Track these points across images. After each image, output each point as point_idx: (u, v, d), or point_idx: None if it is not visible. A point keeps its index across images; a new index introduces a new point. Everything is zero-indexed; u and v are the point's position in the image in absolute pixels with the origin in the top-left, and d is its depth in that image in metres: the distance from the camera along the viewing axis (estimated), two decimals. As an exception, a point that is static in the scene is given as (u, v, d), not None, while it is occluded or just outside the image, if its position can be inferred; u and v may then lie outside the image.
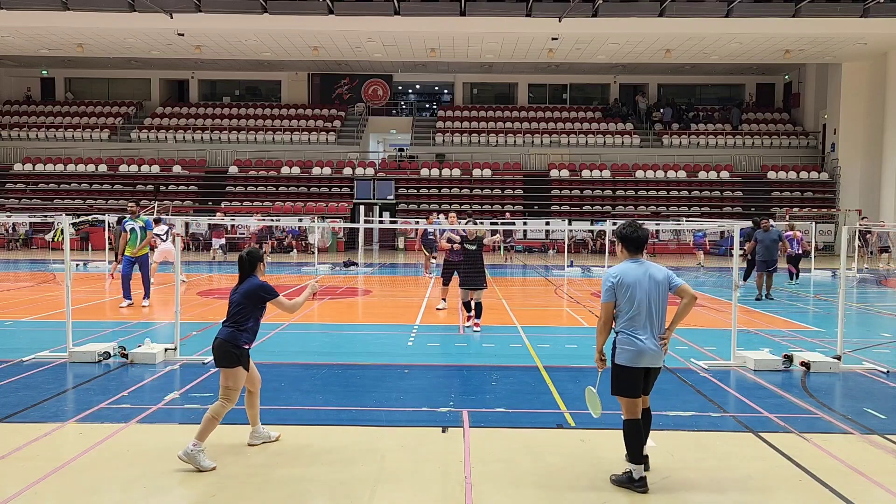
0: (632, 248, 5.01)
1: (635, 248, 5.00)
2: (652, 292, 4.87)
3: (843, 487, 4.84)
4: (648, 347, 4.83)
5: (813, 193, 34.10)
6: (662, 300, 4.92)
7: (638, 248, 5.01)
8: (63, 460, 5.23)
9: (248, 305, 5.40)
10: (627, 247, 5.02)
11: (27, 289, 16.57)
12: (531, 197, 34.61)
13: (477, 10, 26.94)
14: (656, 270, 4.95)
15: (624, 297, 4.88)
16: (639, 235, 4.98)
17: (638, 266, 4.94)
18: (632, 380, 4.86)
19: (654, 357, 4.88)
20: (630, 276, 4.89)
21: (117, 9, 26.34)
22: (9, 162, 36.13)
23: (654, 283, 4.88)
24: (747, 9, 26.18)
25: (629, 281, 4.87)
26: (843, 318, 8.50)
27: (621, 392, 4.90)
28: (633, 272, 4.90)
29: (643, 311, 4.84)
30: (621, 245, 5.06)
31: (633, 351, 4.83)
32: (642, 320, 4.84)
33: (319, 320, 12.25)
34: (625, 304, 4.87)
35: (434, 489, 4.83)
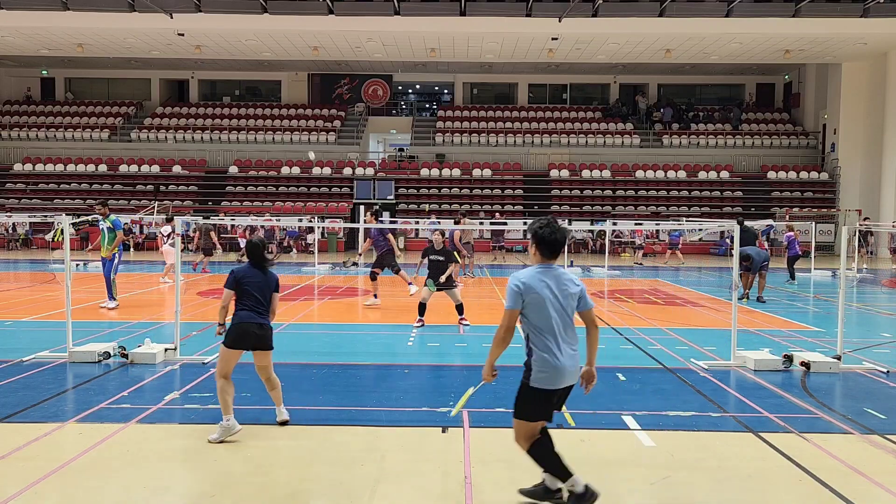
0: (546, 252, 4.33)
1: (550, 252, 4.34)
2: (563, 304, 4.29)
3: (843, 487, 4.84)
4: (566, 365, 4.25)
5: (813, 193, 34.10)
6: (570, 315, 4.35)
7: (553, 253, 4.35)
8: (63, 460, 5.23)
9: (271, 294, 6.20)
10: (542, 250, 4.33)
11: (27, 289, 16.57)
12: (531, 197, 34.61)
13: (477, 10, 26.95)
14: (569, 281, 4.35)
15: (533, 306, 4.25)
16: (556, 238, 4.31)
17: (549, 272, 4.32)
18: (545, 404, 4.32)
19: (572, 375, 4.32)
20: (539, 283, 4.26)
21: (117, 9, 26.34)
22: (9, 162, 36.13)
23: (566, 295, 4.29)
24: (747, 9, 26.18)
25: (539, 288, 4.25)
26: (843, 318, 8.49)
27: (527, 416, 4.33)
28: (543, 279, 4.29)
29: (555, 324, 4.25)
30: (534, 247, 4.36)
31: (549, 373, 4.25)
32: (556, 335, 4.25)
33: (319, 320, 12.25)
34: (534, 315, 4.26)
35: (434, 489, 4.83)
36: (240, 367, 8.22)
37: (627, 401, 6.93)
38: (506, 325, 4.27)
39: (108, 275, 12.72)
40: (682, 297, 15.87)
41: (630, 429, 6.08)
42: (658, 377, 7.98)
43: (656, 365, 8.60)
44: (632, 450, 5.61)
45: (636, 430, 6.04)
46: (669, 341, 10.09)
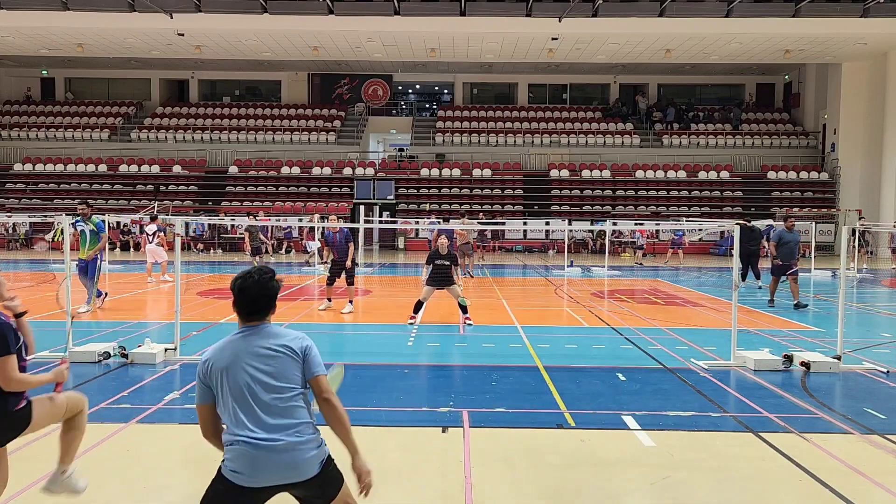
0: (240, 311, 3.42)
1: (246, 312, 3.44)
2: (262, 374, 3.24)
3: (843, 487, 4.84)
4: (279, 458, 3.14)
5: (813, 193, 34.10)
6: (285, 384, 3.26)
7: (249, 314, 3.43)
8: (63, 460, 5.22)
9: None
10: (236, 307, 3.43)
11: (27, 289, 16.57)
12: (531, 197, 34.61)
13: (477, 10, 26.94)
14: (275, 341, 3.40)
15: (221, 389, 3.23)
16: (252, 289, 3.43)
17: (242, 337, 3.39)
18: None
19: (288, 468, 3.16)
20: (223, 356, 3.31)
21: (117, 9, 26.34)
22: (9, 162, 36.13)
23: (267, 362, 3.29)
24: (747, 9, 26.18)
25: (221, 364, 3.27)
26: (843, 318, 8.50)
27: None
28: (229, 348, 3.34)
29: (248, 407, 3.18)
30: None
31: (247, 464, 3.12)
32: (263, 416, 3.18)
33: (319, 320, 12.25)
34: (223, 398, 3.23)
35: (434, 489, 4.83)
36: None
37: (627, 401, 6.93)
38: (202, 427, 3.37)
39: (93, 277, 12.24)
40: (682, 297, 15.87)
41: (630, 429, 6.08)
42: (658, 377, 7.98)
43: (656, 365, 8.60)
44: (632, 450, 5.61)
45: (636, 430, 6.04)
46: (669, 341, 10.09)
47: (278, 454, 3.13)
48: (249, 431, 3.14)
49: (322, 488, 3.28)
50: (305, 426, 3.25)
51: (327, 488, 3.30)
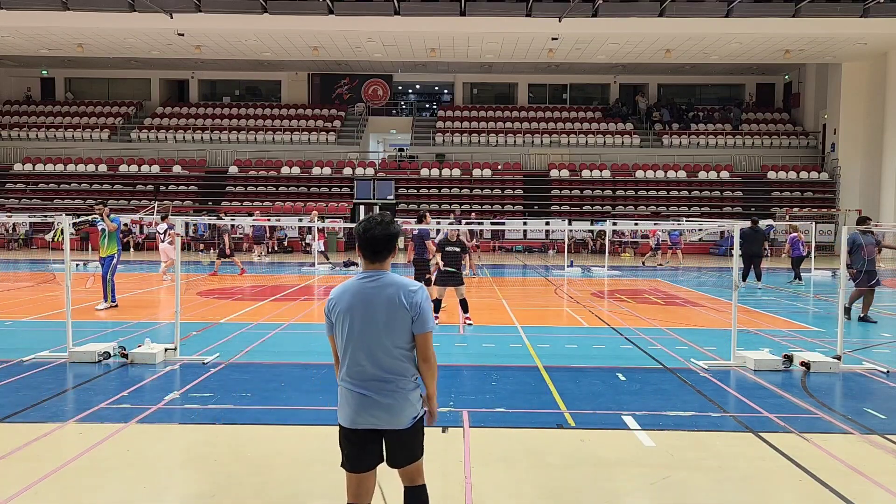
0: (366, 253, 3.47)
1: (371, 252, 3.46)
2: (378, 320, 3.37)
3: (843, 487, 4.84)
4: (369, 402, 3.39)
5: (813, 193, 34.10)
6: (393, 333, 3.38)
7: (374, 254, 3.46)
8: (63, 460, 5.23)
9: None
10: (362, 251, 3.49)
11: (27, 289, 16.57)
12: (531, 197, 34.61)
13: (477, 10, 26.94)
14: (394, 290, 3.40)
15: (340, 327, 3.44)
16: (372, 235, 3.44)
17: (366, 282, 3.44)
18: (352, 446, 3.47)
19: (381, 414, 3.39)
20: (348, 297, 3.43)
21: (117, 9, 26.34)
22: (9, 162, 36.13)
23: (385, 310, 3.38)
24: (747, 9, 26.18)
25: (345, 304, 3.42)
26: (843, 318, 8.49)
27: (343, 463, 3.53)
28: (354, 290, 3.44)
29: (362, 347, 3.38)
30: (359, 248, 3.52)
31: (349, 407, 3.44)
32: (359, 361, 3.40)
33: (319, 320, 12.25)
34: (340, 336, 3.45)
35: (434, 489, 4.82)
36: (237, 367, 8.25)
37: (627, 401, 6.93)
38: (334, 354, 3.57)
39: (106, 275, 12.66)
40: (682, 297, 15.87)
41: (630, 429, 6.08)
42: (658, 377, 7.98)
43: (656, 365, 8.60)
44: (632, 450, 5.61)
45: (636, 430, 6.04)
46: (669, 341, 10.09)
47: (377, 400, 3.36)
48: (355, 374, 3.40)
49: (407, 445, 3.48)
50: (407, 379, 3.43)
51: (412, 447, 3.50)
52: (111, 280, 12.71)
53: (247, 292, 15.76)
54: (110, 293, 12.71)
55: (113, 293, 12.81)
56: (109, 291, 12.69)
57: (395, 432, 3.43)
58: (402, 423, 3.42)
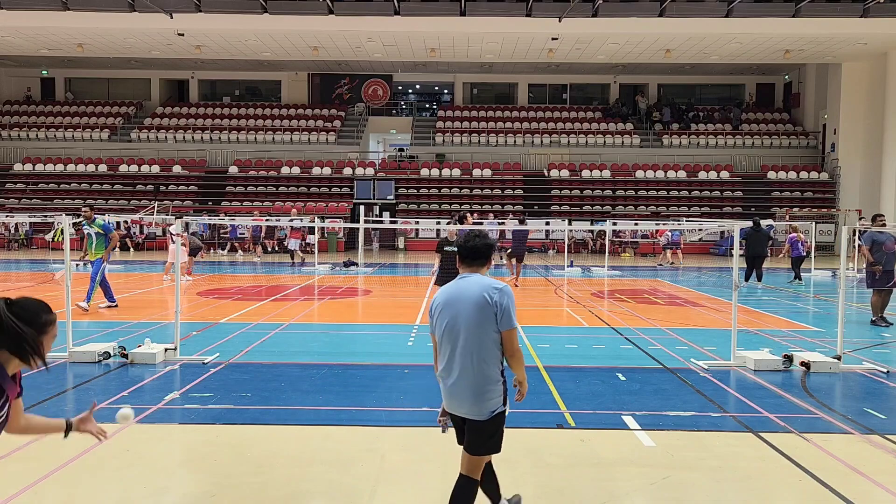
0: (465, 260, 3.97)
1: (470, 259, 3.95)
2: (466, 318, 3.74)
3: (843, 487, 4.84)
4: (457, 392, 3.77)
5: (813, 193, 34.09)
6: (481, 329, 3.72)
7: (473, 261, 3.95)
8: (63, 460, 5.23)
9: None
10: (461, 259, 3.99)
11: (27, 289, 16.57)
12: (531, 197, 34.61)
13: (477, 10, 26.94)
14: (479, 289, 3.77)
15: (438, 326, 3.84)
16: (474, 245, 3.92)
17: (459, 282, 3.89)
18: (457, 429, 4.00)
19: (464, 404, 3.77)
20: (444, 297, 3.87)
21: (117, 9, 26.33)
22: (9, 162, 36.13)
23: (473, 307, 3.74)
24: (747, 9, 26.18)
25: (440, 304, 3.86)
26: (843, 318, 8.50)
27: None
28: (450, 291, 3.87)
29: (451, 343, 3.78)
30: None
31: (443, 391, 3.89)
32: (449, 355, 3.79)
33: (319, 320, 12.25)
34: (438, 333, 3.86)
35: (434, 489, 4.83)
36: (237, 367, 8.25)
37: (627, 401, 6.93)
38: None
39: (95, 276, 12.31)
40: (682, 297, 15.87)
41: (630, 429, 6.08)
42: (658, 377, 7.98)
43: (656, 365, 8.60)
44: (632, 450, 5.61)
45: (636, 430, 6.04)
46: (669, 341, 10.09)
47: (464, 389, 3.73)
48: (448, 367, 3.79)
49: (483, 435, 3.79)
50: (493, 374, 3.75)
51: (486, 439, 3.81)
52: (100, 281, 12.41)
53: (247, 292, 15.76)
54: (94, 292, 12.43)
55: (110, 294, 12.66)
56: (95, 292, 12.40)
57: (475, 422, 3.77)
58: (483, 414, 3.74)
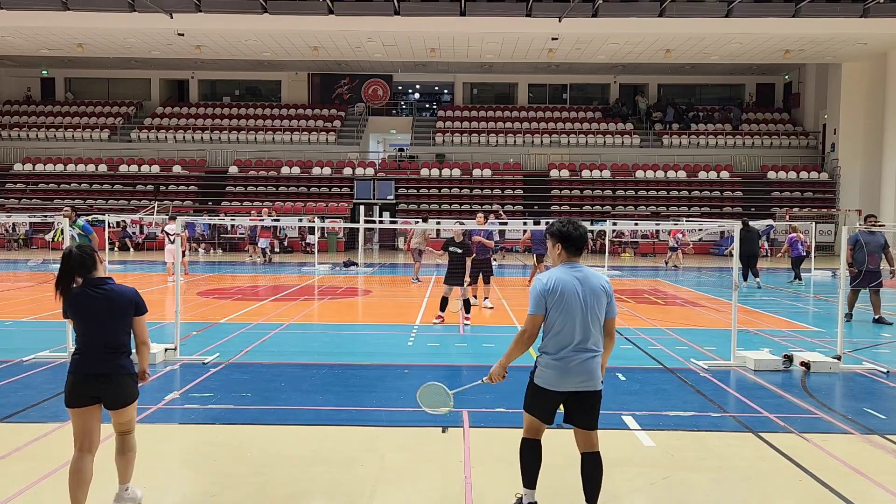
0: (571, 249, 4.26)
1: (575, 248, 4.27)
2: (589, 303, 4.15)
3: (843, 487, 4.84)
4: (578, 367, 4.14)
5: (813, 193, 34.09)
6: (599, 313, 4.21)
7: (578, 250, 4.27)
8: (63, 460, 5.22)
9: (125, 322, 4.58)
10: (566, 247, 4.26)
11: (27, 289, 16.57)
12: (531, 197, 34.60)
13: (477, 10, 26.94)
14: (597, 280, 4.22)
15: (556, 308, 4.14)
16: (581, 234, 4.26)
17: (574, 272, 4.21)
18: (547, 404, 4.25)
19: (583, 377, 4.14)
20: (564, 283, 4.15)
21: (117, 9, 26.34)
22: (9, 162, 36.13)
23: (593, 295, 4.17)
24: (747, 9, 26.18)
25: (563, 289, 4.14)
26: (843, 318, 8.49)
27: (531, 410, 4.32)
28: (568, 278, 4.18)
29: (577, 325, 4.13)
30: (559, 245, 4.27)
31: (555, 373, 4.17)
32: (572, 336, 4.14)
33: (319, 320, 12.25)
34: (556, 316, 4.15)
35: (434, 489, 4.83)
36: (237, 367, 8.25)
37: (627, 401, 6.93)
38: (529, 332, 4.25)
39: None
40: (682, 297, 15.87)
41: (630, 429, 6.08)
42: (658, 377, 7.99)
43: (656, 365, 8.60)
44: (632, 450, 5.61)
45: (636, 430, 6.04)
46: (669, 341, 10.09)
47: (582, 367, 4.14)
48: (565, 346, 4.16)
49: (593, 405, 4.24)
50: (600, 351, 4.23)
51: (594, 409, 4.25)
52: None
53: (247, 292, 15.77)
54: None
55: None
56: None
57: (592, 393, 4.19)
58: (598, 385, 4.20)
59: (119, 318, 4.34)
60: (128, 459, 4.46)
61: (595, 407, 4.23)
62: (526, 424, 4.37)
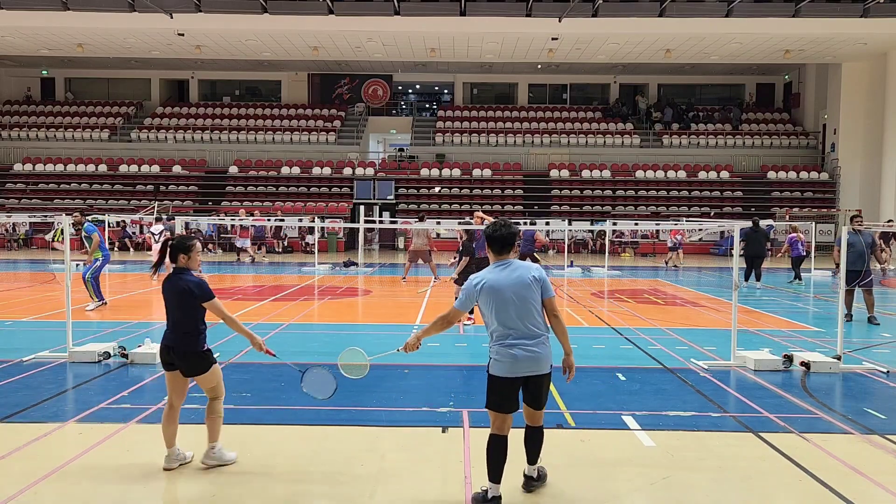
0: (495, 248, 4.59)
1: (500, 247, 4.59)
2: (518, 294, 4.45)
3: (843, 487, 4.84)
4: (524, 354, 4.45)
5: (813, 193, 34.09)
6: (533, 300, 4.48)
7: (502, 248, 4.58)
8: (63, 460, 5.23)
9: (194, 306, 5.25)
10: (491, 247, 4.62)
11: (27, 289, 16.58)
12: (531, 197, 34.61)
13: (477, 10, 26.95)
14: (524, 271, 4.52)
15: (488, 305, 4.48)
16: (503, 233, 4.57)
17: (501, 268, 4.55)
18: (504, 392, 4.51)
19: (530, 363, 4.46)
20: (492, 281, 4.49)
21: (117, 9, 26.34)
22: (9, 162, 36.13)
23: (521, 285, 4.45)
24: (747, 9, 26.18)
25: (490, 286, 4.47)
26: (843, 318, 8.49)
27: (493, 406, 4.56)
28: (494, 276, 4.51)
29: (512, 315, 4.44)
30: (487, 245, 4.64)
31: (506, 362, 4.47)
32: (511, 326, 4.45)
33: (319, 320, 12.25)
34: (490, 311, 4.49)
35: (434, 489, 4.83)
36: (237, 367, 8.25)
37: (627, 401, 6.93)
38: (449, 319, 4.68)
39: (84, 276, 12.37)
40: (682, 297, 15.87)
41: (630, 429, 6.08)
42: (658, 377, 7.98)
43: (656, 365, 8.60)
44: (632, 450, 5.61)
45: (636, 430, 6.04)
46: (669, 341, 10.08)
47: (528, 353, 4.46)
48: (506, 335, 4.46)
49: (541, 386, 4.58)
50: (544, 335, 4.56)
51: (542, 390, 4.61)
52: (91, 280, 12.41)
53: (247, 292, 15.76)
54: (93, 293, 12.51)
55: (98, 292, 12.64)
56: (92, 291, 12.48)
57: (540, 377, 4.53)
58: (545, 368, 4.54)
59: (185, 302, 5.07)
60: (213, 420, 5.15)
61: (543, 388, 4.58)
62: (491, 420, 4.57)
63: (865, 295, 11.90)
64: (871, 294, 11.92)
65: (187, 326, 5.08)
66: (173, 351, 5.05)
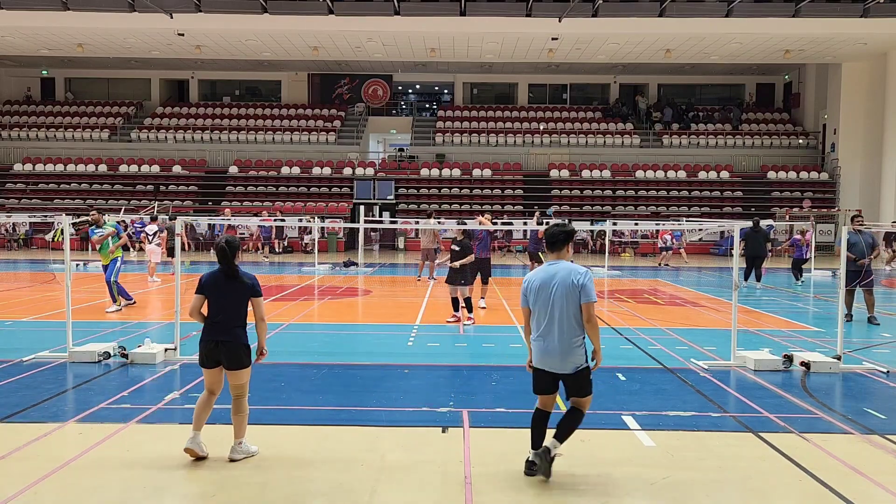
0: (550, 247, 5.07)
1: (551, 246, 5.04)
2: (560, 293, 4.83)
3: (843, 487, 4.84)
4: (550, 352, 4.88)
5: (813, 193, 34.07)
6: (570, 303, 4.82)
7: (552, 246, 5.02)
8: (63, 460, 5.23)
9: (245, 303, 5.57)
10: (547, 246, 5.09)
11: (27, 289, 16.58)
12: (531, 197, 34.59)
13: (477, 10, 26.94)
14: (568, 273, 4.87)
15: (534, 301, 4.96)
16: (552, 232, 5.02)
17: (551, 268, 4.96)
18: (537, 378, 5.04)
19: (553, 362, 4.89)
20: (540, 279, 4.94)
21: (117, 9, 26.33)
22: (9, 162, 36.12)
23: (563, 286, 4.83)
24: (747, 9, 26.18)
25: (540, 285, 4.92)
26: (843, 318, 8.49)
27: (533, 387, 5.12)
28: (543, 275, 4.95)
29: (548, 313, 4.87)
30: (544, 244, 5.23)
31: (537, 354, 4.98)
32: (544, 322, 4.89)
33: (319, 320, 12.26)
34: (535, 307, 4.97)
35: (434, 489, 4.83)
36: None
37: (627, 401, 6.93)
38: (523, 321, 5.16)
39: (109, 279, 12.47)
40: (682, 297, 15.87)
41: (630, 429, 6.08)
42: (658, 377, 7.99)
43: (656, 365, 8.60)
44: (632, 450, 5.61)
45: (636, 430, 6.04)
46: (669, 341, 10.09)
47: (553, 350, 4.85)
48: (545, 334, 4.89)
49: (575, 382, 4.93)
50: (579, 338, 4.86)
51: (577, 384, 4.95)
52: (115, 282, 12.52)
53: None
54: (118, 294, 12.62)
55: (124, 293, 12.76)
56: (117, 293, 12.59)
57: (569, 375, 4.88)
58: (567, 369, 4.88)
59: (244, 297, 5.31)
60: (240, 419, 5.29)
61: (578, 383, 4.92)
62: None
63: (866, 295, 11.91)
64: (872, 294, 11.95)
65: (241, 321, 5.28)
66: (224, 344, 5.21)
